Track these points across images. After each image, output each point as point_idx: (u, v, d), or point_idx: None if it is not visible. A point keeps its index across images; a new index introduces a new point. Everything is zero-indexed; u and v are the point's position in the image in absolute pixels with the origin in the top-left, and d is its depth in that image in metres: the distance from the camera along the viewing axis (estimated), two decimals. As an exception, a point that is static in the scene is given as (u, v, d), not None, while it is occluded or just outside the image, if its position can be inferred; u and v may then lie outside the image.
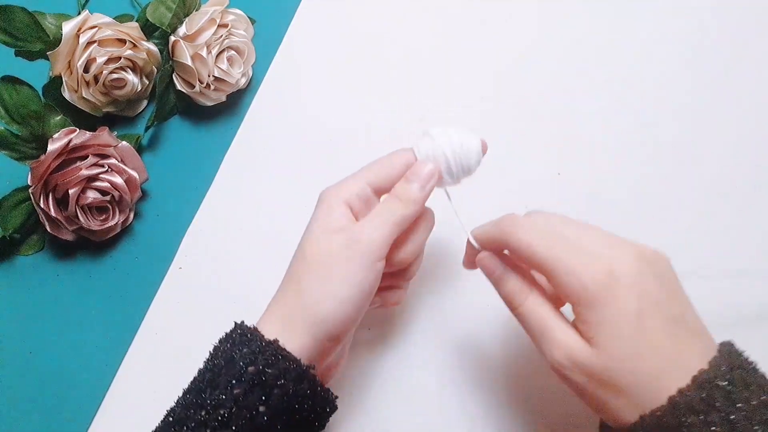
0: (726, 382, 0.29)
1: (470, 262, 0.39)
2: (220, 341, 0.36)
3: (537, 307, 0.35)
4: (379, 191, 0.39)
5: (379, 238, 0.36)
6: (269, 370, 0.33)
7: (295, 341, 0.35)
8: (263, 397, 0.33)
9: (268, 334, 0.35)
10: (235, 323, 0.37)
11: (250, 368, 0.33)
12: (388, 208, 0.37)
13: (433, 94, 0.54)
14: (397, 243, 0.38)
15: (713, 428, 0.29)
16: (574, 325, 0.33)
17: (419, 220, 0.40)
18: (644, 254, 0.32)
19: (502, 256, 0.38)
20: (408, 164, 0.39)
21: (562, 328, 0.33)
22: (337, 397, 0.37)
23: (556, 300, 0.36)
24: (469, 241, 0.39)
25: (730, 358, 0.31)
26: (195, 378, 0.36)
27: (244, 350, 0.34)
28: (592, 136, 0.52)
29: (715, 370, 0.30)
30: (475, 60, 0.54)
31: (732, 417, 0.29)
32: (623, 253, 0.32)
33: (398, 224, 0.37)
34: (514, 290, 0.36)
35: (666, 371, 0.30)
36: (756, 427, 0.29)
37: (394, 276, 0.41)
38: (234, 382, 0.33)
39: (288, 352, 0.34)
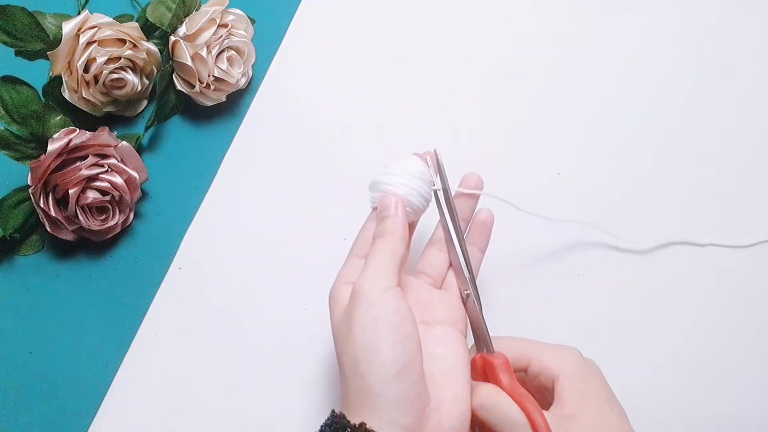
0: None
1: None
2: None
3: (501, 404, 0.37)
4: None
5: (373, 277, 0.36)
6: None
7: (374, 417, 0.33)
8: None
9: (354, 417, 0.33)
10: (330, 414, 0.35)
11: None
12: (372, 250, 0.38)
13: (434, 94, 0.54)
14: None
15: None
16: None
17: None
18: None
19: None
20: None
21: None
22: None
23: None
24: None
25: None
26: None
27: None
28: (592, 136, 0.52)
29: None
30: (475, 59, 0.54)
31: None
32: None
33: (390, 255, 0.37)
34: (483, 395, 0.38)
35: None
36: None
37: None
38: None
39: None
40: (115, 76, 0.49)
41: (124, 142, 0.49)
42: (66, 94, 0.48)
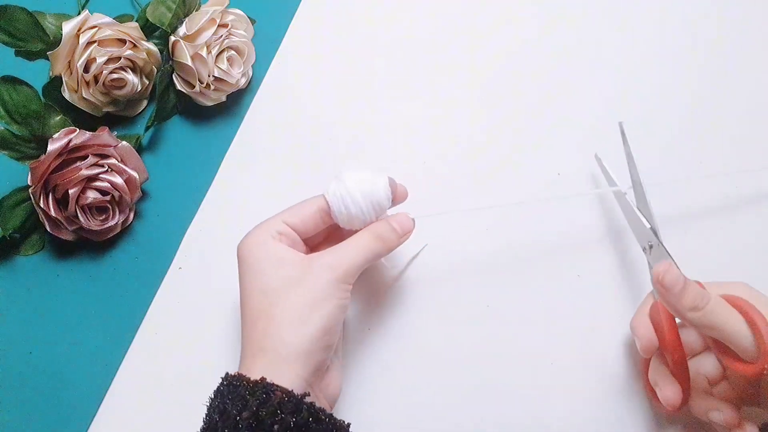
0: None
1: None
2: (211, 399, 0.36)
3: (721, 307, 0.37)
4: (296, 231, 0.41)
5: (354, 265, 0.39)
6: (263, 411, 0.33)
7: (283, 372, 0.35)
8: None
9: (253, 374, 0.35)
10: (222, 376, 0.37)
11: (244, 414, 0.33)
12: (368, 243, 0.40)
13: (434, 94, 0.54)
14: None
15: None
16: None
17: None
18: None
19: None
20: (320, 207, 0.41)
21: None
22: (348, 424, 0.36)
23: None
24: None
25: None
26: None
27: (234, 398, 0.34)
28: (592, 136, 0.52)
29: None
30: (475, 60, 0.54)
31: None
32: None
33: (371, 259, 0.40)
34: (698, 293, 0.37)
35: None
36: None
37: None
38: None
39: (278, 386, 0.34)
40: (115, 76, 0.49)
41: (124, 142, 0.49)
42: (66, 94, 0.48)
